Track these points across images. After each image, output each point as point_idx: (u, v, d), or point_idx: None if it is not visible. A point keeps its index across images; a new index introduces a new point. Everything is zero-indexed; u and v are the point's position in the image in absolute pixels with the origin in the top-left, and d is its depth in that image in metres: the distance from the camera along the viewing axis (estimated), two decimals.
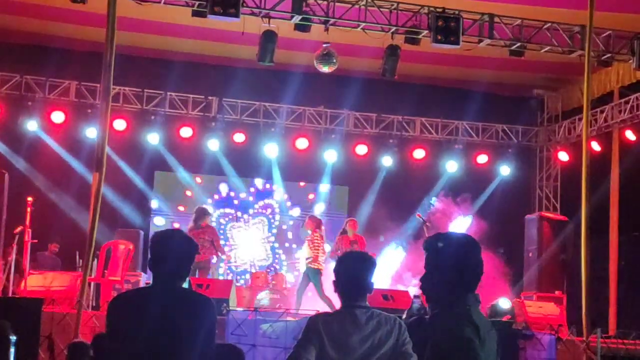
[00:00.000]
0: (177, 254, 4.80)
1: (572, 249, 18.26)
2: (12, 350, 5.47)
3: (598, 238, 16.40)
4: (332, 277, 5.11)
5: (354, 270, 5.03)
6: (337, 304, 5.10)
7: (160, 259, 4.81)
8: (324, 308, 13.66)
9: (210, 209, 17.17)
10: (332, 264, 14.89)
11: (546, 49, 15.63)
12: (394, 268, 17.60)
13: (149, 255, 4.88)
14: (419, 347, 4.87)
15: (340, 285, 5.03)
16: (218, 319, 6.40)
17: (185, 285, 5.06)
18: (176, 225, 17.96)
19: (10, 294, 14.27)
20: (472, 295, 4.00)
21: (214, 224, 17.37)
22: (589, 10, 13.09)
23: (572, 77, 18.39)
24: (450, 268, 3.98)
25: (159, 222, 18.93)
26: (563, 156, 19.68)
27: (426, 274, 4.09)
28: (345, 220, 16.45)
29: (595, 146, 17.63)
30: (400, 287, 16.14)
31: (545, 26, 15.41)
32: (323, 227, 15.91)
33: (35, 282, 14.01)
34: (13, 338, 5.42)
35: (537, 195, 20.47)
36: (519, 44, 15.42)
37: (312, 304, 15.94)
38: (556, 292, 17.89)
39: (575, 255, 17.65)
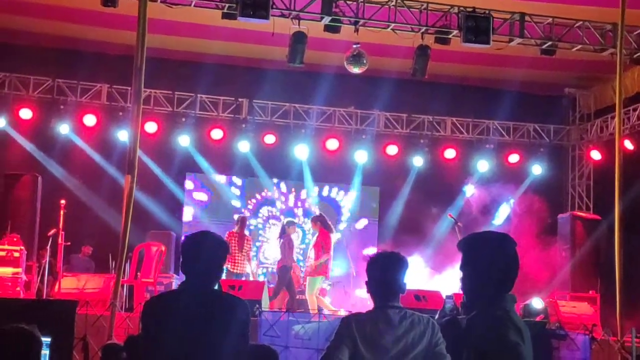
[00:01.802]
0: (208, 255, 4.81)
1: (605, 248, 18.13)
2: (47, 352, 5.48)
3: (631, 237, 16.25)
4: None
5: (387, 271, 5.01)
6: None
7: (192, 261, 4.82)
8: (358, 308, 13.63)
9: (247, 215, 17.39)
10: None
11: (578, 48, 15.52)
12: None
13: (181, 258, 4.89)
14: (453, 348, 4.86)
15: (373, 286, 5.01)
16: (251, 320, 6.40)
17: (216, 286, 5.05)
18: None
19: (44, 296, 14.39)
20: (509, 295, 3.97)
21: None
22: (621, 8, 12.98)
23: (604, 75, 18.23)
24: (488, 268, 3.95)
25: (188, 225, 18.91)
26: (595, 155, 19.52)
27: (465, 275, 4.06)
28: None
29: (628, 145, 17.46)
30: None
31: (577, 24, 15.31)
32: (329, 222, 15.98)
33: (69, 284, 14.10)
34: (47, 340, 5.42)
35: (569, 194, 20.33)
36: (550, 43, 15.32)
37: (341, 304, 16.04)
38: (590, 292, 17.76)
39: (608, 254, 17.54)
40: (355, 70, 15.94)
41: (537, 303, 14.79)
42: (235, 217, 17.36)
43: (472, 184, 19.50)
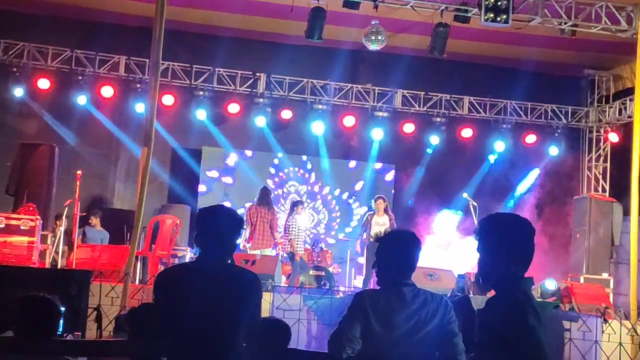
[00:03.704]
0: (223, 229, 4.83)
1: (621, 231, 18.09)
2: (61, 321, 5.54)
3: None
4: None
5: (401, 249, 5.02)
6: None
7: (206, 234, 4.83)
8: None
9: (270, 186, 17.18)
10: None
11: (598, 28, 15.42)
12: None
13: (195, 231, 4.91)
14: (465, 326, 4.88)
15: (386, 263, 5.02)
16: (264, 295, 6.43)
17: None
18: (226, 204, 17.94)
19: (59, 266, 14.48)
20: (527, 278, 3.99)
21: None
22: None
23: (624, 56, 18.09)
24: (507, 250, 3.96)
25: (204, 199, 18.90)
26: (613, 137, 19.44)
27: (483, 257, 4.07)
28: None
29: None
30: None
31: (598, 5, 15.20)
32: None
33: (83, 254, 14.18)
34: (62, 309, 5.50)
35: (585, 176, 20.23)
36: (570, 23, 15.23)
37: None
38: (603, 275, 17.74)
39: (623, 237, 17.51)
40: (374, 47, 15.91)
41: (550, 284, 14.79)
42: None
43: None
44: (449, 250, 16.48)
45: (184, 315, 4.65)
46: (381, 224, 15.62)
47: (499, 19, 14.34)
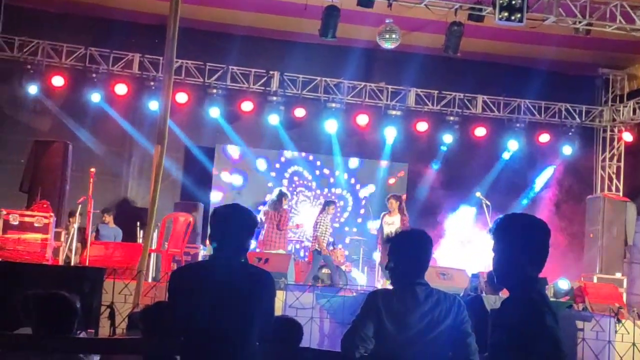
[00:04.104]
0: (237, 228, 4.84)
1: (634, 230, 18.03)
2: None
3: None
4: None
5: (414, 249, 5.02)
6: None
7: (220, 233, 4.85)
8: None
9: (285, 191, 17.22)
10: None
11: (613, 27, 15.36)
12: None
13: (209, 230, 4.92)
14: (478, 327, 4.88)
15: (399, 263, 5.02)
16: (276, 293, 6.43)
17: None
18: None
19: (72, 264, 14.52)
20: (542, 279, 4.00)
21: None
22: None
23: (639, 55, 18.07)
24: (522, 250, 3.96)
25: (216, 197, 18.93)
26: (627, 137, 19.38)
27: (498, 257, 4.07)
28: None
29: None
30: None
31: (613, 4, 15.15)
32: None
33: (97, 252, 14.21)
34: (78, 306, 5.54)
35: (599, 175, 20.17)
36: (585, 22, 15.18)
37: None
38: (617, 274, 17.69)
39: (637, 237, 17.46)
40: (387, 45, 15.90)
41: (563, 284, 14.74)
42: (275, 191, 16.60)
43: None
44: (468, 246, 16.47)
45: (198, 313, 4.67)
46: (390, 223, 15.56)
47: (513, 17, 14.30)
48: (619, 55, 18.86)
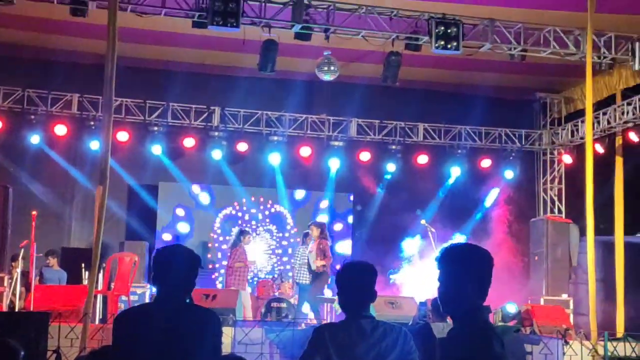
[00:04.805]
0: (179, 269, 4.80)
1: (578, 251, 18.25)
2: None
3: (604, 240, 16.38)
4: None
5: (356, 281, 5.02)
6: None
7: (163, 274, 4.81)
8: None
9: (246, 229, 17.48)
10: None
11: (547, 52, 15.62)
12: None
13: (152, 272, 4.88)
14: (425, 356, 4.89)
15: (344, 296, 5.03)
16: (225, 330, 6.39)
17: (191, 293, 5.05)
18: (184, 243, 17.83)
19: (17, 309, 14.29)
20: (485, 307, 4.03)
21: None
22: (589, 13, 13.13)
23: (575, 79, 18.37)
24: (467, 280, 3.99)
25: (165, 237, 18.82)
26: (567, 159, 19.66)
27: (443, 286, 4.09)
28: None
29: (599, 148, 17.57)
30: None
31: (546, 30, 15.41)
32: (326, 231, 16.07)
33: (41, 295, 13.99)
34: (21, 353, 5.44)
35: (541, 198, 20.42)
36: (520, 48, 15.42)
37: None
38: (563, 296, 17.87)
39: (581, 257, 17.67)
40: (327, 78, 15.99)
41: (511, 307, 14.86)
42: (234, 230, 17.37)
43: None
44: (416, 274, 16.55)
45: (143, 356, 4.61)
46: (311, 250, 15.74)
47: (449, 46, 14.49)
48: (555, 80, 19.18)
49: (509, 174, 19.97)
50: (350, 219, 19.99)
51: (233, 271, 16.11)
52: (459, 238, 17.68)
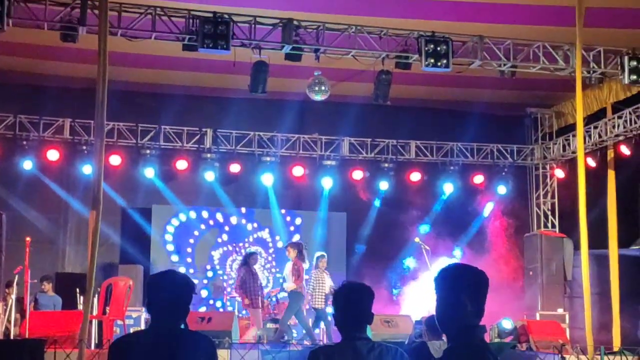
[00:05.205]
0: (173, 295, 4.79)
1: (572, 266, 18.26)
2: None
3: (598, 253, 16.40)
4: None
5: (352, 303, 5.02)
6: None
7: (157, 301, 4.79)
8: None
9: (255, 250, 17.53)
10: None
11: (537, 68, 15.67)
12: None
13: (147, 299, 4.88)
14: None
15: (340, 318, 5.02)
16: (221, 353, 6.38)
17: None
18: (181, 270, 17.67)
19: (12, 336, 14.24)
20: (481, 326, 4.05)
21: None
22: (577, 28, 13.18)
23: (565, 94, 18.46)
24: (464, 301, 4.01)
25: (159, 260, 18.76)
26: (559, 173, 19.70)
27: (442, 307, 4.11)
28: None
29: (591, 162, 17.61)
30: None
31: (535, 45, 15.47)
32: (304, 252, 16.01)
33: (36, 322, 13.96)
34: None
35: (535, 213, 20.44)
36: (509, 64, 15.47)
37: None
38: (559, 310, 17.87)
39: (575, 272, 17.68)
40: (317, 98, 16.01)
41: (507, 323, 14.86)
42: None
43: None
44: (412, 292, 16.56)
45: None
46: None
47: (439, 64, 14.53)
48: (546, 94, 19.24)
49: (501, 190, 20.00)
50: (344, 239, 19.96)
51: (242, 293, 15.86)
52: (458, 253, 17.77)
